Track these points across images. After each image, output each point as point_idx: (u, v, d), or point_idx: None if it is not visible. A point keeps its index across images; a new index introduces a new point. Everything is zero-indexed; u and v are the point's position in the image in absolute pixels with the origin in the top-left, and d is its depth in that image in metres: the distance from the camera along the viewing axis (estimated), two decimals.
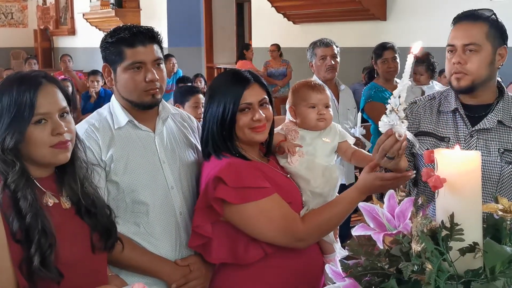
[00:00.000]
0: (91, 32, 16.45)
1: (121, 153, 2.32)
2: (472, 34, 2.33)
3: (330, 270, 1.51)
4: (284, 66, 10.70)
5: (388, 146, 2.03)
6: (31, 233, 1.75)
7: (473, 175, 1.47)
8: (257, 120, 2.26)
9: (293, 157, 2.39)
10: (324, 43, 4.76)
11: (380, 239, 1.43)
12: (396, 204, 1.51)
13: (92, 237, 1.96)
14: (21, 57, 17.56)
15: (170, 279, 2.35)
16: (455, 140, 2.40)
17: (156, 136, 2.41)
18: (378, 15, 9.32)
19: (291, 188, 2.36)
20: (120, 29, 2.34)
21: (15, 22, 19.37)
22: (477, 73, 2.33)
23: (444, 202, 1.47)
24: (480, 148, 2.36)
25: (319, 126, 2.45)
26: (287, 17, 10.99)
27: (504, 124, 2.39)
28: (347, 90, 4.97)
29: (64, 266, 1.80)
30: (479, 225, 1.47)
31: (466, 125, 2.41)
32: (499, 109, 2.40)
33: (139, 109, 2.37)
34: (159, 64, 2.34)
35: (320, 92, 2.48)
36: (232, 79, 2.33)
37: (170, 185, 2.37)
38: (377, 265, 1.46)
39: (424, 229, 1.38)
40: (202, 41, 14.57)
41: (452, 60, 2.35)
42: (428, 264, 1.36)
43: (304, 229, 2.26)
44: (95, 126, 2.34)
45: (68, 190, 1.94)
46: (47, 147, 1.84)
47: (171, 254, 2.38)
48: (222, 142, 2.29)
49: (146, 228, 2.34)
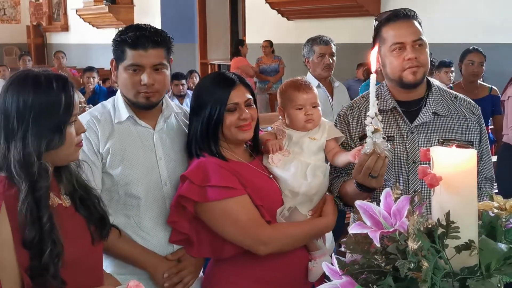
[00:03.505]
0: (85, 29, 16.40)
1: (119, 147, 2.38)
2: (416, 30, 2.45)
3: (327, 267, 1.52)
4: (277, 62, 10.69)
5: (372, 164, 2.11)
6: (45, 243, 1.73)
7: (469, 173, 1.48)
8: (243, 119, 2.32)
9: (275, 157, 2.40)
10: (324, 41, 4.76)
11: (377, 237, 1.43)
12: (392, 202, 1.51)
13: (90, 229, 1.97)
14: (14, 53, 17.51)
15: (155, 271, 2.40)
16: (399, 138, 2.48)
17: (156, 133, 2.45)
18: (372, 11, 9.34)
19: (268, 189, 2.38)
20: (129, 29, 2.39)
21: (7, 18, 19.28)
22: (426, 64, 2.47)
23: (440, 200, 1.48)
24: (423, 142, 2.46)
25: (307, 127, 2.44)
26: (281, 13, 10.99)
27: (438, 114, 2.50)
28: (342, 87, 4.98)
29: (67, 265, 1.80)
30: (474, 223, 1.48)
31: (405, 122, 2.50)
32: (431, 102, 2.52)
33: (136, 108, 2.42)
34: (158, 68, 2.36)
35: (306, 92, 2.46)
36: (218, 81, 2.38)
37: (164, 182, 2.42)
38: (374, 262, 1.47)
39: (421, 227, 1.39)
40: (196, 37, 14.54)
41: (403, 56, 2.43)
42: (424, 262, 1.37)
43: (269, 233, 2.29)
44: (97, 118, 2.40)
45: (66, 185, 1.96)
46: (73, 146, 1.87)
47: (160, 248, 2.42)
48: (205, 143, 2.34)
49: (136, 221, 2.39)
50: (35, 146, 1.75)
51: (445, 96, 2.57)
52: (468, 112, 2.54)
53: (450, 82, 6.20)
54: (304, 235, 2.37)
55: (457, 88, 5.66)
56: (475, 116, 2.55)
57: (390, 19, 2.50)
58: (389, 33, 2.48)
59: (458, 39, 7.83)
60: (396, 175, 2.47)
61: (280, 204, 2.38)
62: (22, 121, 1.76)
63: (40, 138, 1.76)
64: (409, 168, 2.45)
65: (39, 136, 1.76)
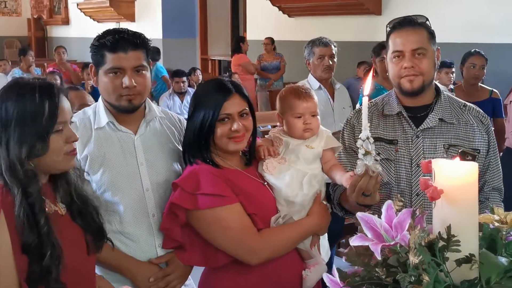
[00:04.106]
0: (85, 22, 16.36)
1: (97, 153, 2.37)
2: (418, 39, 2.46)
3: (328, 279, 1.53)
4: (278, 60, 10.67)
5: (364, 184, 2.12)
6: (44, 247, 1.76)
7: (470, 187, 1.48)
8: (235, 130, 2.29)
9: (270, 164, 2.39)
10: (323, 42, 4.73)
11: (378, 250, 1.44)
12: (394, 215, 1.52)
13: (87, 240, 1.99)
14: (15, 46, 17.46)
15: (136, 276, 2.38)
16: (403, 141, 2.51)
17: (137, 138, 2.45)
18: (373, 9, 9.34)
19: (262, 197, 2.36)
20: (107, 33, 2.38)
21: (8, 10, 19.24)
22: (427, 73, 2.47)
23: (441, 213, 1.49)
24: (427, 147, 2.48)
25: (304, 136, 2.42)
26: (282, 10, 10.98)
27: (445, 121, 2.51)
28: (343, 88, 4.98)
29: (65, 272, 1.81)
30: (475, 236, 1.49)
31: (411, 126, 2.52)
32: (439, 108, 2.53)
33: (119, 112, 2.42)
34: (139, 70, 2.36)
35: (306, 100, 2.43)
36: (215, 89, 2.35)
37: (145, 187, 2.42)
38: (375, 275, 1.48)
39: (422, 242, 1.40)
40: (197, 33, 14.53)
41: (401, 64, 2.46)
42: (425, 275, 1.38)
43: (259, 244, 2.28)
44: (75, 125, 2.37)
45: (62, 194, 1.97)
46: (61, 154, 1.88)
47: (143, 254, 2.41)
48: (197, 150, 2.33)
49: (118, 227, 2.39)
50: (17, 153, 1.78)
51: (453, 103, 2.58)
52: (476, 121, 2.54)
53: (450, 83, 6.20)
54: (292, 238, 2.35)
55: (458, 90, 5.66)
56: (483, 125, 2.55)
57: (395, 26, 2.53)
58: (392, 40, 2.51)
59: (458, 39, 7.83)
60: (398, 179, 2.48)
61: (274, 212, 2.36)
62: (5, 128, 1.80)
63: (21, 145, 1.79)
64: (412, 172, 2.46)
65: (20, 143, 1.79)
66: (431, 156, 2.39)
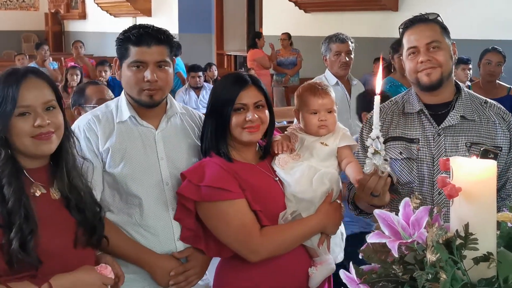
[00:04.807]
0: (102, 17, 16.45)
1: (119, 146, 2.40)
2: (431, 33, 2.48)
3: (344, 275, 1.53)
4: (294, 55, 10.65)
5: (373, 184, 2.12)
6: (13, 218, 1.83)
7: (489, 184, 1.48)
8: (249, 120, 2.32)
9: (282, 158, 2.39)
10: (340, 39, 4.71)
11: (395, 247, 1.44)
12: (411, 212, 1.52)
13: (77, 232, 2.02)
14: (32, 40, 17.57)
15: (156, 269, 2.41)
16: (424, 140, 2.50)
17: (158, 133, 2.48)
18: (390, 5, 9.30)
19: (270, 193, 2.36)
20: (132, 28, 2.44)
21: (26, 5, 19.35)
22: (445, 64, 2.46)
23: (459, 211, 1.48)
24: (449, 145, 2.46)
25: (320, 133, 2.42)
26: (299, 5, 10.97)
27: (466, 118, 2.49)
28: (359, 85, 4.96)
29: (44, 254, 1.88)
30: (493, 235, 1.48)
31: (432, 124, 2.50)
32: (460, 105, 2.51)
33: (140, 106, 2.44)
34: (161, 66, 2.39)
35: (322, 97, 2.42)
36: (232, 81, 2.40)
37: (165, 181, 2.44)
38: (391, 272, 1.48)
39: (440, 240, 1.39)
40: (213, 28, 14.55)
41: (416, 59, 2.47)
42: (442, 273, 1.37)
43: (260, 242, 2.29)
44: (98, 118, 2.44)
45: (59, 183, 2.03)
46: (28, 137, 1.93)
47: (161, 247, 2.43)
48: (214, 141, 2.36)
49: (138, 220, 2.41)
50: None
51: (474, 100, 2.56)
52: (498, 118, 2.52)
53: (467, 79, 6.17)
54: (295, 237, 2.34)
55: (475, 87, 5.62)
56: (505, 122, 2.52)
57: (407, 25, 2.54)
58: (406, 38, 2.53)
59: (474, 35, 7.77)
60: (420, 177, 2.47)
61: (283, 208, 2.36)
62: None
63: None
64: (434, 170, 2.44)
65: None
66: (453, 155, 2.38)
